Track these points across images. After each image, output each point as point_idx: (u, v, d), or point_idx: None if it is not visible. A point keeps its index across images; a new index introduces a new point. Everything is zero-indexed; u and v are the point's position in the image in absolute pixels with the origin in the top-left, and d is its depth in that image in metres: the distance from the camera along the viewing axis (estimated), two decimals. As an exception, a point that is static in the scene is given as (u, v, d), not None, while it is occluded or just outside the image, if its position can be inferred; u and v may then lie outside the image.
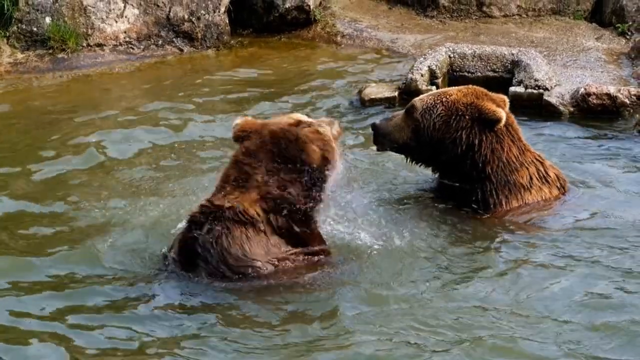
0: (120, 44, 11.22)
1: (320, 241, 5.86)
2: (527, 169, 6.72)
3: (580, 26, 11.83)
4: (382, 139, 6.87)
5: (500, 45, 10.64)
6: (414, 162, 6.99)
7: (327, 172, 5.78)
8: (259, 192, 5.63)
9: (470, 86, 6.87)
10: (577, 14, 12.11)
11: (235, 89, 10.08)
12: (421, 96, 6.92)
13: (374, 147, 7.12)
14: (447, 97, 6.71)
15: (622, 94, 8.85)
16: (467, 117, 6.60)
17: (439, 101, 6.68)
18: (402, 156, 7.03)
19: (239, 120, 5.93)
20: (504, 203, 6.67)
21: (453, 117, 6.62)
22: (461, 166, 6.68)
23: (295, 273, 5.68)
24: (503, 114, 6.58)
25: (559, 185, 6.86)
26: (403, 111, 6.87)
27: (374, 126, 6.91)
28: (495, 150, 6.63)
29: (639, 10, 11.53)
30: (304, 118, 5.95)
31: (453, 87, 6.95)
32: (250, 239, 5.58)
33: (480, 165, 6.64)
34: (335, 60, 11.05)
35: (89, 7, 11.12)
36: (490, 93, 6.80)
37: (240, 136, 5.82)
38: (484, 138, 6.60)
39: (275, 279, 5.59)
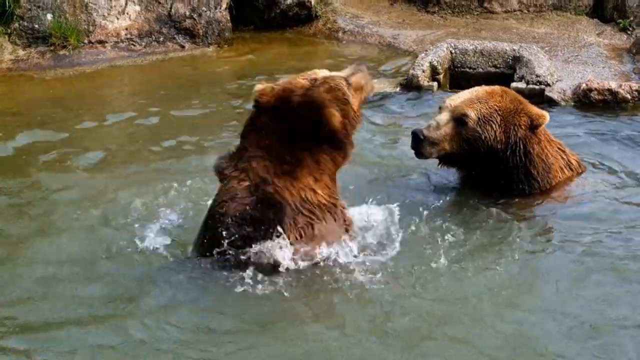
0: (122, 41, 11.22)
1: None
2: (557, 160, 6.81)
3: (581, 22, 11.82)
4: (429, 148, 6.57)
5: (501, 41, 10.64)
6: (448, 167, 6.89)
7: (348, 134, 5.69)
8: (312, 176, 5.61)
9: (503, 89, 6.82)
10: (579, 9, 12.10)
11: (236, 85, 10.08)
12: (464, 102, 6.61)
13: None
14: (499, 104, 6.58)
15: (623, 89, 8.86)
16: (523, 126, 6.57)
17: (493, 110, 6.55)
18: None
19: (261, 86, 5.69)
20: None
21: (511, 127, 6.56)
22: (514, 173, 6.66)
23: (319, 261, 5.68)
24: (548, 115, 6.65)
25: (580, 172, 7.00)
26: (448, 118, 6.59)
27: (421, 135, 6.53)
28: (541, 153, 6.68)
29: (641, 6, 11.54)
30: (320, 74, 5.73)
31: (489, 90, 6.72)
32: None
33: (532, 170, 6.67)
34: (336, 56, 11.04)
35: (90, 4, 11.13)
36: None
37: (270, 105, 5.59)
38: (536, 144, 6.64)
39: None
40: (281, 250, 5.52)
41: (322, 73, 5.74)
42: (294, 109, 5.52)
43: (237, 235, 5.51)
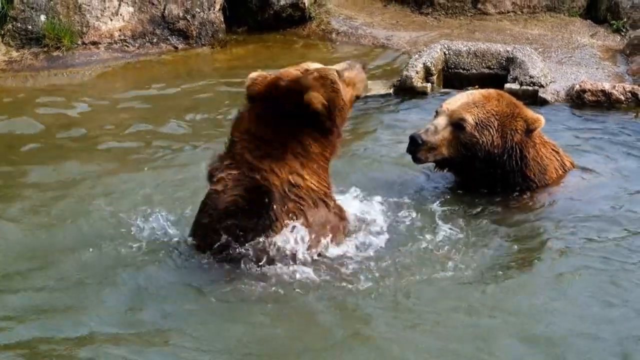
0: (115, 42, 11.21)
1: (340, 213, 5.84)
2: (552, 162, 6.86)
3: (575, 23, 11.84)
4: (426, 153, 6.56)
5: (495, 42, 10.65)
6: (444, 170, 6.89)
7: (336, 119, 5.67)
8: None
9: (499, 92, 6.85)
10: (572, 10, 12.12)
11: (230, 86, 10.07)
12: (462, 106, 6.61)
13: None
14: (496, 109, 6.59)
15: (617, 90, 8.87)
16: (519, 131, 6.59)
17: (490, 115, 6.56)
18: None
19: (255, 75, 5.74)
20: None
21: (508, 132, 6.58)
22: (510, 176, 6.69)
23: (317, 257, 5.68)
24: (543, 119, 6.67)
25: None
26: (446, 123, 6.59)
27: (419, 139, 6.51)
28: (536, 156, 6.72)
29: (634, 7, 11.55)
30: (312, 66, 5.77)
31: (485, 94, 6.74)
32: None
33: (528, 173, 6.71)
34: (330, 57, 11.01)
35: (84, 5, 11.12)
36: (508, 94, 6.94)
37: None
38: (531, 148, 6.67)
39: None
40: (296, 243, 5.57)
41: (314, 65, 5.79)
42: (281, 94, 5.56)
43: (230, 227, 5.51)
